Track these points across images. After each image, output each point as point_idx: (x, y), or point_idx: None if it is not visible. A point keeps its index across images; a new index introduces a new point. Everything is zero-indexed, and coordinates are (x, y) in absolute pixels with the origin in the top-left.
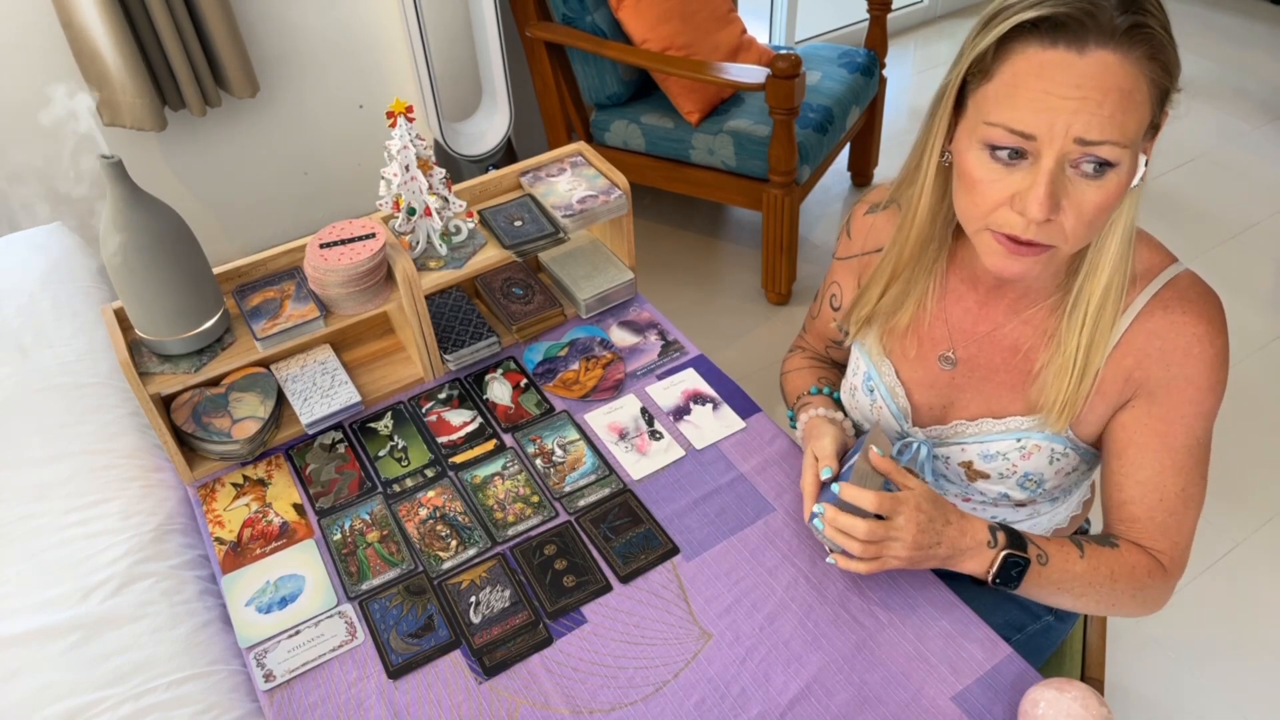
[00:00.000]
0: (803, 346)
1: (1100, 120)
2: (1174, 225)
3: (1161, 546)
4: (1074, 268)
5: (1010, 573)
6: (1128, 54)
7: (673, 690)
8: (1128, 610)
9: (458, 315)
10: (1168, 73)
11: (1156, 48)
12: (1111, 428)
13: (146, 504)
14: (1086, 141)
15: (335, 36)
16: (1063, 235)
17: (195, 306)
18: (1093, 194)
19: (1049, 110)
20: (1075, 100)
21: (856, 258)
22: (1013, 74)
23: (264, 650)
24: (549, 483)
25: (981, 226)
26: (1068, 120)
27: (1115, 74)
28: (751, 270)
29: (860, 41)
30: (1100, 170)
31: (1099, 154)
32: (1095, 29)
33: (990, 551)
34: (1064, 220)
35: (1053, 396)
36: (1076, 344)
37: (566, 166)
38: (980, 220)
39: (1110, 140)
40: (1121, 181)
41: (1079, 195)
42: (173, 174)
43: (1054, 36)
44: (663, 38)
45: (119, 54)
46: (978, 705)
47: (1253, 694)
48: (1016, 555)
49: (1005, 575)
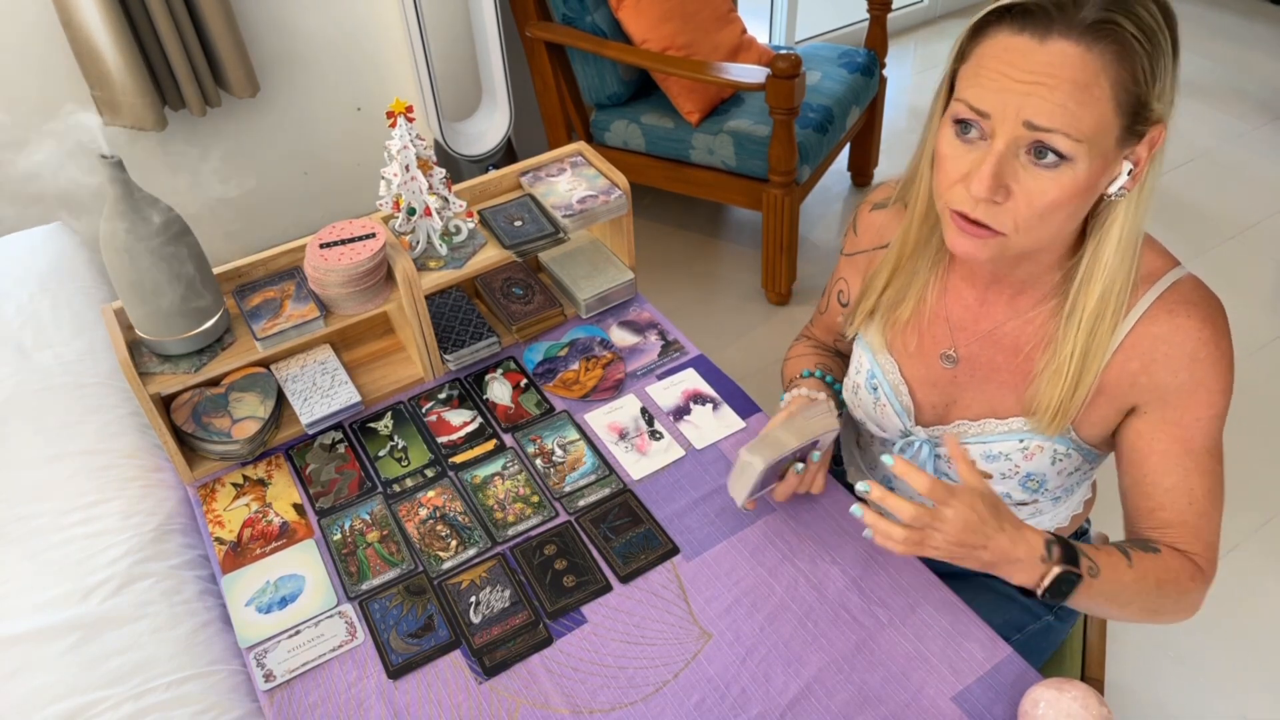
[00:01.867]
0: (809, 336)
1: (1050, 106)
2: (1174, 225)
3: (1197, 549)
4: (1072, 271)
5: (1061, 588)
6: (1090, 47)
7: (673, 690)
8: (1168, 616)
9: (458, 315)
10: (1134, 78)
11: (1124, 48)
12: (1128, 437)
13: (146, 504)
14: (1035, 126)
15: (335, 36)
16: (1012, 223)
17: (195, 306)
18: (1045, 184)
19: (1003, 91)
20: (1028, 84)
21: (863, 254)
22: (980, 55)
23: (264, 650)
24: (549, 483)
25: (944, 204)
26: (1019, 102)
27: (1072, 65)
28: (751, 270)
29: (860, 41)
30: (1052, 161)
31: (1048, 141)
32: (1060, 20)
33: (1043, 566)
34: (1014, 207)
35: (1046, 402)
36: (1071, 350)
37: (566, 166)
38: (941, 197)
39: (1060, 129)
40: (1078, 180)
41: (1030, 183)
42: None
43: (1021, 24)
44: (663, 38)
45: (119, 54)
46: (978, 705)
47: (1253, 694)
48: (1072, 572)
49: (1056, 590)
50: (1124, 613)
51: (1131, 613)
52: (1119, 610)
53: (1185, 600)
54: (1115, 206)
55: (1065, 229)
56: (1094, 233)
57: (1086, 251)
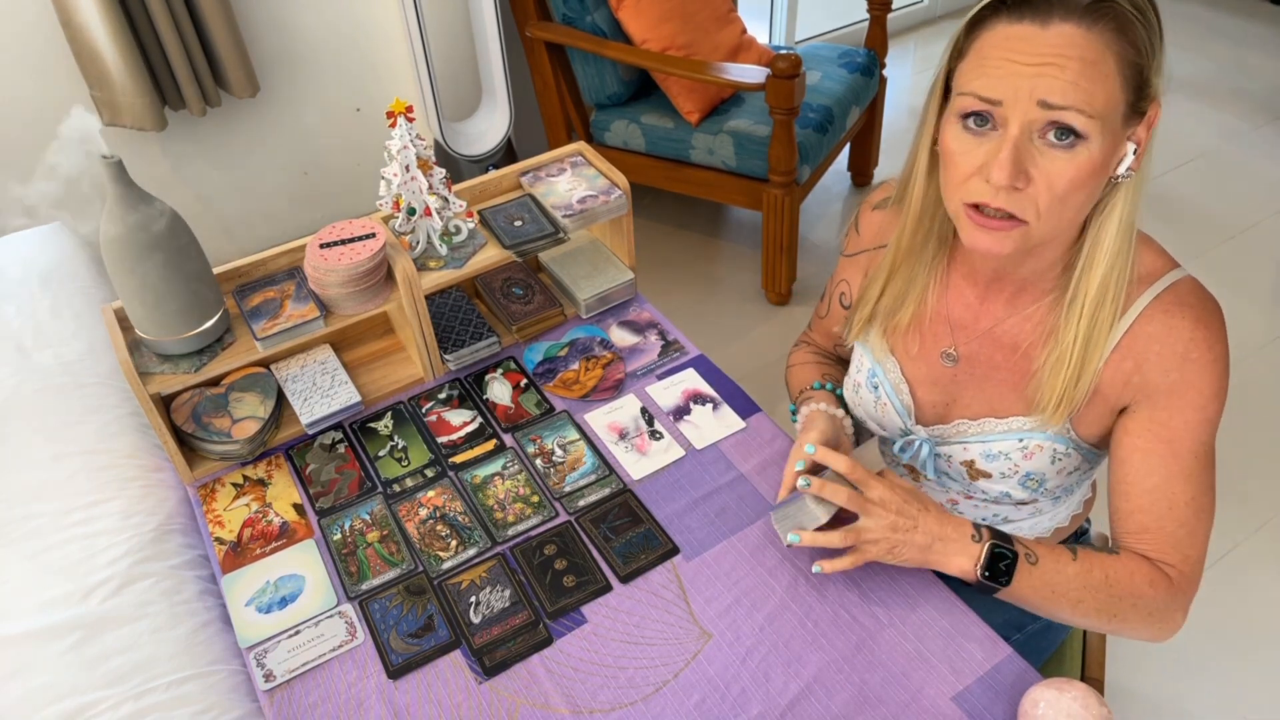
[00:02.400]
0: (808, 342)
1: (1063, 84)
2: (1174, 225)
3: (1172, 560)
4: (1071, 263)
5: (999, 566)
6: (1091, 27)
7: (673, 690)
8: (1137, 627)
9: (458, 315)
10: (1138, 50)
11: (1123, 23)
12: (1116, 434)
13: (146, 504)
14: (1050, 105)
15: (335, 36)
16: (1034, 209)
17: (195, 306)
18: (1062, 165)
19: (1013, 75)
20: (1038, 66)
21: (865, 253)
22: (980, 48)
23: (264, 650)
24: (549, 483)
25: (958, 202)
26: (1031, 84)
27: (1079, 44)
28: (751, 270)
29: (860, 41)
30: (1069, 140)
31: (1064, 119)
32: (1059, 4)
33: (975, 546)
34: (1035, 193)
35: (1049, 391)
36: (1074, 336)
37: (566, 166)
38: (955, 194)
39: (1074, 106)
40: (1094, 158)
41: (1048, 165)
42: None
43: (1019, 12)
44: (663, 38)
45: (119, 54)
46: (978, 705)
47: (1252, 694)
48: (1002, 547)
49: (994, 569)
50: (1079, 613)
51: (1088, 614)
52: (1072, 609)
53: (1149, 608)
54: (1116, 191)
55: (1081, 213)
56: (1095, 218)
57: (1087, 238)
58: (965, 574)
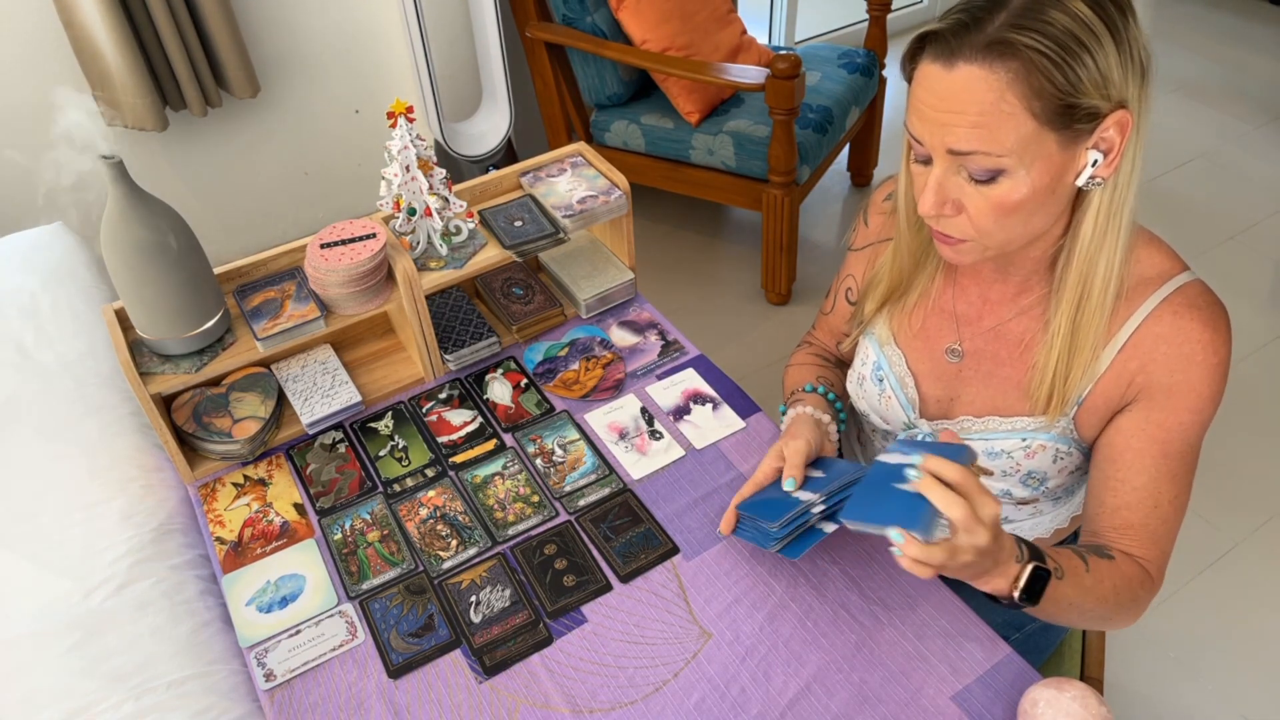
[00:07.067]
0: (811, 342)
1: (964, 132)
2: (1174, 225)
3: (1151, 555)
4: (1057, 259)
5: (1035, 587)
6: (991, 68)
7: (673, 690)
8: (1116, 622)
9: (458, 315)
10: (1051, 83)
11: (1026, 64)
12: (1108, 431)
13: (147, 504)
14: (956, 151)
15: (336, 37)
16: (972, 230)
17: (196, 306)
18: (982, 200)
19: (927, 121)
20: (943, 113)
21: (872, 246)
22: (914, 84)
23: (264, 650)
24: (549, 483)
25: None
26: (940, 132)
27: (978, 88)
28: (751, 270)
29: (860, 42)
30: (987, 177)
31: (969, 164)
32: (962, 45)
33: (1016, 566)
34: (967, 219)
35: (1039, 379)
36: (1057, 326)
37: (566, 167)
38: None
39: (979, 150)
40: (1020, 187)
41: (975, 197)
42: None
43: (935, 52)
44: (663, 38)
45: (120, 54)
46: (977, 705)
47: (1252, 693)
48: (1042, 568)
49: (1030, 589)
50: (1076, 618)
51: (1082, 618)
52: (1074, 616)
53: (1135, 607)
54: (1093, 192)
55: (1035, 225)
56: (1075, 215)
57: (1068, 234)
58: (1000, 592)
